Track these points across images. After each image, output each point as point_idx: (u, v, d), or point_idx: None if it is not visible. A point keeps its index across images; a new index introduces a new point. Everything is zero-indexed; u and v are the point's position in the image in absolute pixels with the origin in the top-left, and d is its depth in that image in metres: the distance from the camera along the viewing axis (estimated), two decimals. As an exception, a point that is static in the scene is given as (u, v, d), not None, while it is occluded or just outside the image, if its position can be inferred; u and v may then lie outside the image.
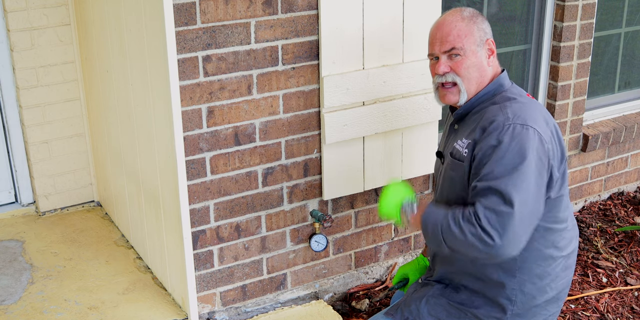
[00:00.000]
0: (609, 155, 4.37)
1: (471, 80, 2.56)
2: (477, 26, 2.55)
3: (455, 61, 2.54)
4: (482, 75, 2.57)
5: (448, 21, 2.56)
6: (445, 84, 2.58)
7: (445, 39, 2.53)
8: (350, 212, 3.42)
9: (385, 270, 3.66)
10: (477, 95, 2.58)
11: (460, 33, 2.53)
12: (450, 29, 2.53)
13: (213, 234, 3.09)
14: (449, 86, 2.58)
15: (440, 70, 2.55)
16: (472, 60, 2.54)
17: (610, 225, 4.23)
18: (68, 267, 3.38)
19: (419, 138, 3.38)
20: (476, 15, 2.58)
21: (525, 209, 2.35)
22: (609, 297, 3.62)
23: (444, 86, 2.58)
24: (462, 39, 2.52)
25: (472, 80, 2.56)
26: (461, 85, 2.55)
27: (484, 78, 2.58)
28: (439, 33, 2.56)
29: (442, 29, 2.55)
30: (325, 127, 3.13)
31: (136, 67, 2.98)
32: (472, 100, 2.59)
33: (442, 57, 2.55)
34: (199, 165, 2.95)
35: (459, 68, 2.54)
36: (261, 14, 2.88)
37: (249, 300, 3.30)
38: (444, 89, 2.59)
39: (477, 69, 2.56)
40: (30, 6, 3.49)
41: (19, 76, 3.58)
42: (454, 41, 2.53)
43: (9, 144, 3.74)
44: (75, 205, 3.91)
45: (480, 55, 2.56)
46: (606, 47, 4.31)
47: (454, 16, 2.57)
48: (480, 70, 2.57)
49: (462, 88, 2.56)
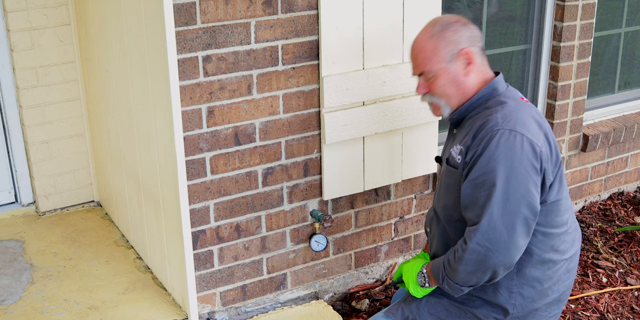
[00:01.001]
0: (609, 155, 4.37)
1: (449, 96, 2.57)
2: (445, 41, 2.51)
3: (430, 82, 2.57)
4: (461, 88, 2.56)
5: (417, 41, 2.58)
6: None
7: (415, 63, 2.59)
8: (350, 212, 3.42)
9: (385, 270, 3.66)
10: (470, 101, 2.57)
11: (426, 55, 2.53)
12: (418, 52, 2.56)
13: (213, 234, 3.09)
14: (432, 105, 2.64)
15: (418, 91, 2.62)
16: (444, 78, 2.54)
17: (610, 225, 4.24)
18: (68, 267, 3.38)
19: (419, 138, 3.38)
20: (447, 27, 2.53)
21: (498, 209, 2.36)
22: (609, 297, 3.63)
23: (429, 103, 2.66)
24: (428, 61, 2.53)
25: (451, 96, 2.57)
26: (439, 102, 2.60)
27: (464, 90, 2.57)
28: (411, 54, 2.60)
29: (413, 50, 2.59)
30: (325, 127, 3.13)
31: (136, 67, 2.98)
32: (466, 106, 2.58)
33: (420, 79, 2.60)
34: (199, 165, 2.95)
35: (433, 88, 2.57)
36: (261, 14, 2.88)
37: (249, 300, 3.30)
38: (430, 105, 2.66)
39: (452, 85, 2.55)
40: (30, 6, 3.49)
41: (19, 76, 3.58)
42: (421, 65, 2.56)
43: (9, 144, 3.74)
44: (75, 205, 3.91)
45: (453, 70, 2.53)
46: (606, 47, 4.31)
47: (424, 34, 2.56)
48: (457, 84, 2.55)
49: (441, 104, 2.60)
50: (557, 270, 2.59)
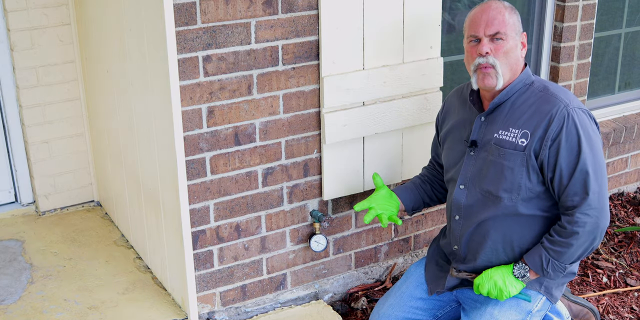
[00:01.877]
0: (609, 156, 4.37)
1: (507, 65, 2.68)
2: (517, 17, 2.72)
3: (497, 44, 2.66)
4: (516, 63, 2.71)
5: (494, 6, 2.69)
6: (484, 66, 2.68)
7: (492, 22, 2.66)
8: (350, 212, 3.42)
9: (385, 271, 3.66)
10: (511, 84, 2.72)
11: (505, 19, 2.66)
12: (497, 14, 2.66)
13: (213, 234, 3.09)
14: (487, 69, 2.68)
15: (483, 50, 2.66)
16: (511, 44, 2.67)
17: (610, 225, 4.23)
18: (68, 266, 3.38)
19: (419, 138, 3.38)
20: (514, 9, 2.73)
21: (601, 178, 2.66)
22: (609, 298, 3.62)
23: (484, 68, 2.68)
24: (506, 25, 2.66)
25: (508, 67, 2.68)
26: (498, 68, 2.67)
27: (517, 66, 2.72)
28: (485, 16, 2.67)
29: (488, 13, 2.67)
30: (325, 127, 3.13)
31: (136, 67, 2.98)
32: (507, 89, 2.72)
33: (485, 39, 2.67)
34: (199, 165, 2.95)
35: (498, 51, 2.67)
36: (261, 14, 2.88)
37: (249, 300, 3.30)
38: (483, 71, 2.68)
39: (513, 56, 2.69)
40: (30, 6, 3.49)
41: (19, 76, 3.58)
42: (499, 26, 2.66)
43: (9, 143, 3.74)
44: (75, 205, 3.91)
45: (517, 43, 2.70)
46: (606, 47, 4.31)
47: (498, 4, 2.70)
48: (516, 57, 2.70)
49: (499, 71, 2.67)
50: None
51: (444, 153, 2.98)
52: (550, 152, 2.63)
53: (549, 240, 2.69)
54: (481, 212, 2.79)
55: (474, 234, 2.83)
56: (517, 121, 2.69)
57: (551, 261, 2.68)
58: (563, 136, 2.62)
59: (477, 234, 2.82)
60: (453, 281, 2.93)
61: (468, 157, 2.82)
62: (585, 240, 2.64)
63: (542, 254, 2.69)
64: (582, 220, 2.62)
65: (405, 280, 3.07)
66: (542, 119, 2.64)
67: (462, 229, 2.86)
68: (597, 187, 2.62)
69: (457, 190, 2.85)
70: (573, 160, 2.62)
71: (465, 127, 2.85)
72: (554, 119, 2.62)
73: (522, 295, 2.78)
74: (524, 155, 2.66)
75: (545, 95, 2.69)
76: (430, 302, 3.00)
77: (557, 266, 2.69)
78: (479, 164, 2.78)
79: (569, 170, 2.63)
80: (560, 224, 2.67)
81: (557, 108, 2.64)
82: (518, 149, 2.67)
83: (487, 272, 2.79)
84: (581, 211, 2.62)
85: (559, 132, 2.62)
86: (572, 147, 2.62)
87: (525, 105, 2.70)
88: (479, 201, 2.78)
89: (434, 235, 3.72)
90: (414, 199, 3.12)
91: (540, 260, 2.69)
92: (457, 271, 2.90)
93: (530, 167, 2.67)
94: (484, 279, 2.77)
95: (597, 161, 2.63)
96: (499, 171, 2.72)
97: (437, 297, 2.99)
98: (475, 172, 2.79)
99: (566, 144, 2.62)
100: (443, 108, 3.05)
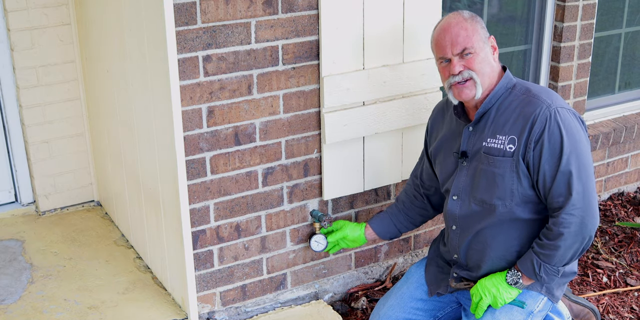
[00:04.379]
0: (609, 156, 4.37)
1: (484, 74, 2.67)
2: (479, 25, 2.68)
3: (467, 59, 2.65)
4: (492, 69, 2.70)
5: (453, 23, 2.66)
6: (459, 82, 2.67)
7: (456, 41, 2.64)
8: (351, 212, 3.42)
9: (385, 270, 3.66)
10: (493, 91, 2.71)
11: (468, 33, 2.64)
12: (458, 30, 2.64)
13: (213, 234, 3.09)
14: (463, 82, 2.67)
15: (455, 70, 2.65)
16: (481, 56, 2.66)
17: (610, 225, 4.23)
18: (68, 266, 3.38)
19: (419, 138, 3.38)
20: (475, 16, 2.71)
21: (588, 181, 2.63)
22: (609, 298, 3.62)
23: (459, 83, 2.67)
24: (471, 38, 2.64)
25: (485, 75, 2.68)
26: (476, 79, 2.66)
27: (493, 73, 2.71)
28: (448, 36, 2.65)
29: (450, 32, 2.65)
30: (326, 127, 3.13)
31: (136, 67, 2.98)
32: (490, 97, 2.71)
33: (455, 59, 2.65)
34: (199, 165, 2.95)
35: (472, 64, 2.65)
36: (261, 13, 2.88)
37: (249, 300, 3.30)
38: (459, 86, 2.68)
39: (487, 64, 2.68)
40: (30, 6, 3.49)
41: (19, 76, 3.58)
42: (464, 42, 2.64)
43: (9, 143, 3.74)
44: (75, 205, 3.91)
45: (487, 51, 2.68)
46: (606, 47, 4.31)
47: (456, 18, 2.67)
48: (490, 64, 2.69)
49: (477, 81, 2.66)
50: None
51: (437, 167, 2.98)
52: (534, 154, 2.62)
53: (538, 244, 2.67)
54: (478, 222, 2.78)
55: (472, 243, 2.83)
56: (503, 127, 2.68)
57: (542, 265, 2.66)
58: (545, 137, 2.60)
59: (477, 242, 2.82)
60: (453, 288, 2.94)
61: (460, 168, 2.82)
62: (573, 241, 2.62)
63: (533, 258, 2.68)
64: (567, 220, 2.59)
65: (406, 281, 3.07)
66: (526, 122, 2.63)
67: (459, 239, 2.86)
68: (580, 186, 2.59)
69: (450, 201, 2.85)
70: (556, 162, 2.60)
71: (454, 139, 2.86)
72: (536, 120, 2.61)
73: (517, 302, 2.78)
74: (513, 160, 2.65)
75: (527, 97, 2.67)
76: (430, 303, 3.00)
77: (550, 270, 2.67)
78: (471, 174, 2.78)
79: (551, 171, 2.61)
80: (547, 226, 2.66)
81: (539, 109, 2.62)
82: (507, 155, 2.66)
83: (481, 282, 2.79)
84: (566, 212, 2.59)
85: (541, 133, 2.60)
86: (555, 148, 2.60)
87: (509, 110, 2.69)
88: (474, 211, 2.78)
89: (434, 235, 3.72)
90: (389, 230, 3.19)
91: (532, 265, 2.68)
92: (455, 281, 2.91)
93: (520, 172, 2.66)
94: (478, 289, 2.78)
95: (581, 161, 2.60)
96: (491, 179, 2.71)
97: (437, 298, 3.00)
98: (468, 182, 2.79)
99: (549, 145, 2.60)
100: (427, 131, 3.08)
